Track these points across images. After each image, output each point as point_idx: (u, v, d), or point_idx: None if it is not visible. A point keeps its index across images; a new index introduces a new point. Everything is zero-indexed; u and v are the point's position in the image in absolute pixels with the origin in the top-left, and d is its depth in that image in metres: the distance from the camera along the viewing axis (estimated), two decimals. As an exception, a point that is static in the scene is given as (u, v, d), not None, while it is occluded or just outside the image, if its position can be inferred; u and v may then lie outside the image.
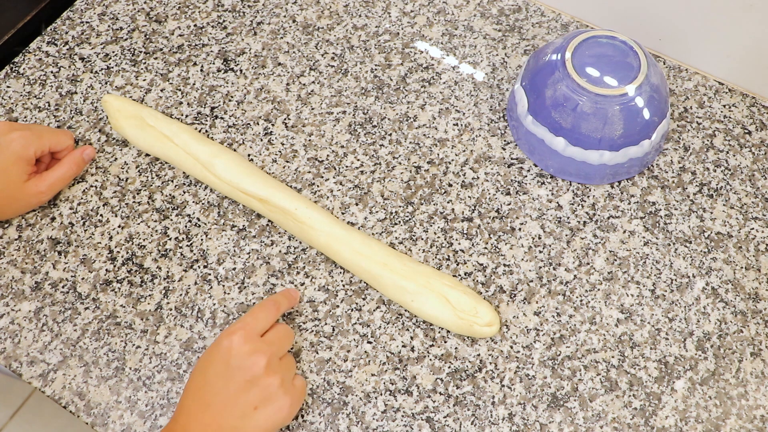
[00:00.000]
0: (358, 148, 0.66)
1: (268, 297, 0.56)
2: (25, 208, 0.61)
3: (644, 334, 0.57)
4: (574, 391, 0.54)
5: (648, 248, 0.60)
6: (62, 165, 0.61)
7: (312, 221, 0.58)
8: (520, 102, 0.62)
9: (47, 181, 0.60)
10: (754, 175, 0.64)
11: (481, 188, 0.63)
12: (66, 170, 0.61)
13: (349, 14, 0.74)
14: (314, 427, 0.53)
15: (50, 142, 0.61)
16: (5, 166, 0.58)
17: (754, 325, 0.57)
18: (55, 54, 0.72)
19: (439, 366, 0.55)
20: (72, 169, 0.62)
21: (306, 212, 0.59)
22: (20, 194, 0.59)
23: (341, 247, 0.57)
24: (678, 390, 0.54)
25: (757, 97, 0.68)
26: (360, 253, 0.57)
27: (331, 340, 0.56)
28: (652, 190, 0.63)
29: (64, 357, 0.56)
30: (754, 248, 0.60)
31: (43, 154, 0.61)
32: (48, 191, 0.61)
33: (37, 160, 0.62)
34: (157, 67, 0.71)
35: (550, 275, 0.59)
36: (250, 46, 0.72)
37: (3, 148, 0.58)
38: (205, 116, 0.68)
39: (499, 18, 0.73)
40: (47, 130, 0.62)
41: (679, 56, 0.70)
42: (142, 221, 0.62)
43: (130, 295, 0.59)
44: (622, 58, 0.59)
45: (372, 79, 0.70)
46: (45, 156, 0.62)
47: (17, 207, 0.61)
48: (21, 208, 0.61)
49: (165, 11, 0.75)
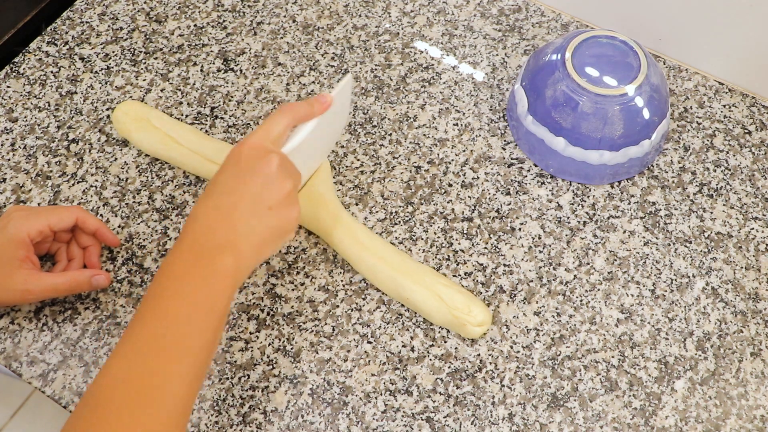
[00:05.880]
0: (358, 148, 0.66)
1: (285, 104, 0.52)
2: (9, 301, 0.54)
3: (644, 334, 0.57)
4: (574, 391, 0.54)
5: (648, 248, 0.60)
6: (64, 275, 0.54)
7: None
8: (520, 102, 0.62)
9: (40, 283, 0.53)
10: (754, 175, 0.64)
11: (481, 188, 0.63)
12: (64, 282, 0.54)
13: (349, 14, 0.74)
14: (314, 427, 0.53)
15: (49, 221, 0.55)
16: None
17: (754, 325, 0.57)
18: (55, 54, 0.72)
19: (439, 366, 0.55)
20: (71, 286, 0.55)
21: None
22: (6, 282, 0.52)
23: (345, 234, 0.58)
24: (678, 390, 0.54)
25: (757, 97, 0.68)
26: (362, 243, 0.57)
27: (331, 340, 0.56)
28: (652, 190, 0.63)
29: (64, 357, 0.56)
30: (754, 248, 0.60)
31: (43, 235, 0.55)
32: (37, 294, 0.53)
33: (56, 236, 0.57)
34: (157, 67, 0.71)
35: (550, 275, 0.59)
36: (250, 46, 0.72)
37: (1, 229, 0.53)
38: (205, 116, 0.68)
39: (499, 18, 0.73)
40: (46, 209, 0.56)
41: (679, 56, 0.70)
42: (142, 221, 0.62)
43: (130, 295, 0.59)
44: (622, 58, 0.59)
45: (372, 79, 0.70)
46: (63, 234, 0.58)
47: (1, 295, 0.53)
48: (3, 298, 0.53)
49: (165, 11, 0.75)
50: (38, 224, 0.54)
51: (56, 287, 0.54)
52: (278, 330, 0.57)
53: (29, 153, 0.66)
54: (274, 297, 0.58)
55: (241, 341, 0.56)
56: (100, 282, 0.56)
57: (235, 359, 0.56)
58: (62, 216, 0.55)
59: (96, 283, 0.56)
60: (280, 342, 0.56)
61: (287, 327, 0.57)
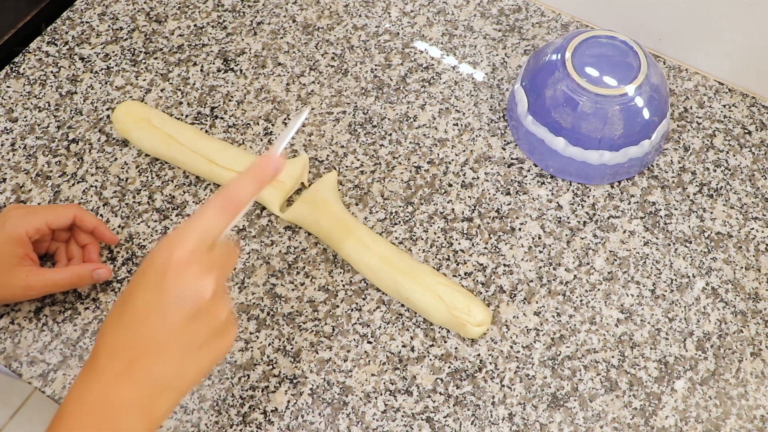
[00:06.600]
0: (358, 148, 0.66)
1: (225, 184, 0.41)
2: (8, 298, 0.55)
3: (644, 334, 0.57)
4: (574, 391, 0.54)
5: (648, 248, 0.60)
6: (66, 270, 0.54)
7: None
8: (520, 102, 0.62)
9: (41, 278, 0.53)
10: (754, 175, 0.64)
11: (481, 188, 0.63)
12: (66, 277, 0.54)
13: (349, 14, 0.74)
14: (314, 427, 0.53)
15: (47, 218, 0.54)
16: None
17: (754, 325, 0.57)
18: (55, 54, 0.72)
19: (439, 366, 0.55)
20: (73, 280, 0.54)
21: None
22: (6, 279, 0.52)
23: (347, 236, 0.58)
24: (678, 390, 0.54)
25: (757, 97, 0.68)
26: (363, 243, 0.57)
27: (331, 340, 0.56)
28: (652, 190, 0.63)
29: (64, 357, 0.56)
30: (754, 248, 0.60)
31: (41, 233, 0.55)
32: (39, 289, 0.53)
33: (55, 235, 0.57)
34: (157, 67, 0.71)
35: (550, 275, 0.59)
36: (250, 46, 0.72)
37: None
38: (205, 116, 0.68)
39: (499, 18, 0.73)
40: (44, 208, 0.56)
41: (679, 56, 0.70)
42: (142, 221, 0.62)
43: (130, 295, 0.59)
44: (622, 58, 0.59)
45: (372, 79, 0.70)
46: (62, 233, 0.57)
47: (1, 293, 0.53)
48: (4, 294, 0.54)
49: (165, 11, 0.75)
50: (36, 222, 0.54)
51: (57, 282, 0.54)
52: (278, 330, 0.57)
53: (29, 153, 0.66)
54: (274, 297, 0.58)
55: (241, 341, 0.56)
56: (101, 275, 0.56)
57: (235, 359, 0.56)
58: (60, 214, 0.55)
59: (98, 276, 0.55)
60: (280, 342, 0.56)
61: (287, 327, 0.57)
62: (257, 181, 0.40)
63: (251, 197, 0.40)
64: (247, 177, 0.39)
